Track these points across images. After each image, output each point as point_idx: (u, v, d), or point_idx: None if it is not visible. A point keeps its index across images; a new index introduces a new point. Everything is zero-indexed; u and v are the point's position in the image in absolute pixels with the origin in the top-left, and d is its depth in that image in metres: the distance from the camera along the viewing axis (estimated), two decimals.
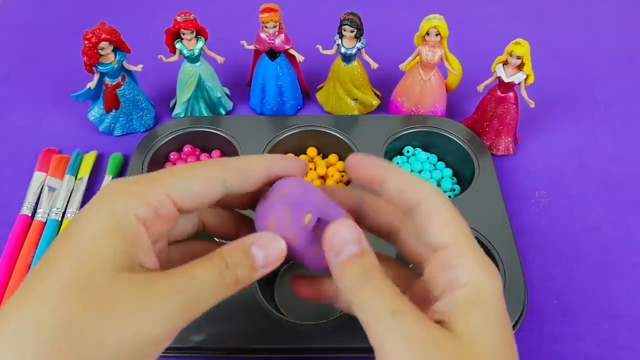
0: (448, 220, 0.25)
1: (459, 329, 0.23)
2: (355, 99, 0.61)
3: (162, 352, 0.43)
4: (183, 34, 0.55)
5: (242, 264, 0.24)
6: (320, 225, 0.26)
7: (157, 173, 0.25)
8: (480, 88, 0.56)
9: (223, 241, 0.27)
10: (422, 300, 0.25)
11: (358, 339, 0.41)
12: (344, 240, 0.24)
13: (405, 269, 0.29)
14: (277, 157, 0.28)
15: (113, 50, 0.54)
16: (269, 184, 0.27)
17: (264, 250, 0.25)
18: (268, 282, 0.47)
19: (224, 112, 0.62)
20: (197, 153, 0.57)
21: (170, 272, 0.23)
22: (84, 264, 0.21)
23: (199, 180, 0.25)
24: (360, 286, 0.23)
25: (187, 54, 0.56)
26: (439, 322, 0.23)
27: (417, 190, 0.25)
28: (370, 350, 0.39)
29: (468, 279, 0.24)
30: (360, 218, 0.29)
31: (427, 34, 0.54)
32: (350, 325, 0.41)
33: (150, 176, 0.24)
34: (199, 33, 0.56)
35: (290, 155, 0.57)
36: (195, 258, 0.24)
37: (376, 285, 0.23)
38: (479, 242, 0.46)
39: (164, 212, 0.24)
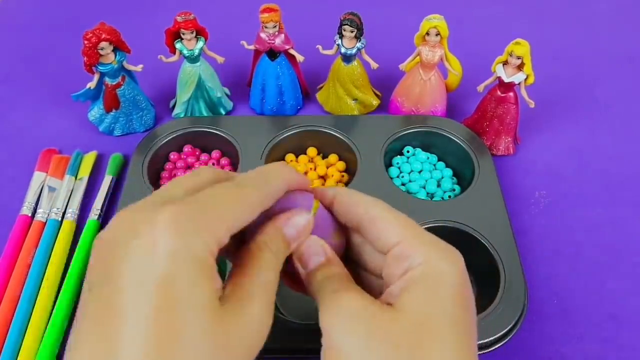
0: (393, 220, 0.27)
1: (402, 302, 0.24)
2: (355, 99, 0.61)
3: None
4: (183, 34, 0.55)
5: (283, 248, 0.27)
6: None
7: (213, 202, 0.23)
8: (480, 88, 0.56)
9: None
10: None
11: None
12: (310, 252, 0.27)
13: (370, 276, 0.31)
14: (294, 173, 0.28)
15: (113, 50, 0.54)
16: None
17: (296, 228, 0.27)
18: None
19: (224, 112, 0.62)
20: (197, 153, 0.57)
21: (246, 291, 0.24)
22: (192, 315, 0.21)
23: (248, 211, 0.25)
24: (322, 289, 0.25)
25: (187, 54, 0.56)
26: (389, 304, 0.25)
27: (356, 203, 0.28)
28: None
29: (421, 260, 0.25)
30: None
31: (427, 34, 0.54)
32: None
33: (210, 207, 0.23)
34: (199, 33, 0.56)
35: (291, 157, 0.57)
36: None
37: (344, 289, 0.25)
38: (479, 242, 0.46)
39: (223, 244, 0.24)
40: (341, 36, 0.55)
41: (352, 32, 0.54)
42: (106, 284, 0.21)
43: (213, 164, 0.56)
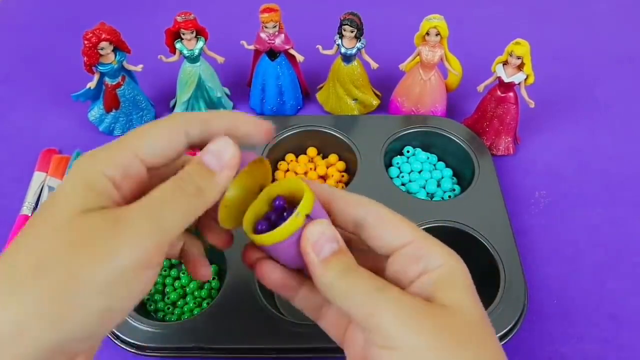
0: (400, 222, 0.27)
1: (444, 302, 0.24)
2: (355, 99, 0.61)
3: (163, 352, 0.43)
4: (183, 34, 0.55)
5: (198, 172, 0.25)
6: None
7: (124, 136, 0.25)
8: (480, 88, 0.56)
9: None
10: None
11: None
12: (323, 239, 0.25)
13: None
14: (241, 116, 0.27)
15: (113, 50, 0.54)
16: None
17: (213, 153, 0.26)
18: None
19: None
20: (197, 153, 0.57)
21: (131, 203, 0.24)
22: (56, 212, 0.22)
23: (163, 135, 0.25)
24: (343, 278, 0.24)
25: (187, 54, 0.56)
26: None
27: (358, 205, 0.27)
28: None
29: (441, 262, 0.25)
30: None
31: (427, 34, 0.54)
32: None
33: (117, 140, 0.25)
34: (199, 33, 0.56)
35: (291, 157, 0.57)
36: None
37: (359, 273, 0.25)
38: (479, 242, 0.46)
39: (134, 172, 0.24)
40: (341, 36, 0.55)
41: (352, 32, 0.54)
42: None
43: None
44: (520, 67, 0.52)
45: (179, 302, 0.46)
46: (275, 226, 0.25)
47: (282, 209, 0.27)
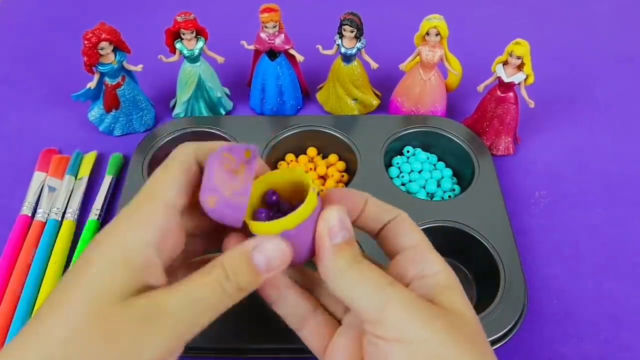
0: (414, 228, 0.28)
1: (445, 305, 0.25)
2: (355, 99, 0.61)
3: None
4: (183, 34, 0.55)
5: (243, 272, 0.24)
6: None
7: (152, 189, 0.25)
8: (480, 88, 0.56)
9: None
10: None
11: None
12: (337, 225, 0.25)
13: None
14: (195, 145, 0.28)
15: (113, 50, 0.54)
16: None
17: (266, 254, 0.24)
18: None
19: (224, 112, 0.62)
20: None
21: (170, 289, 0.23)
22: (91, 296, 0.22)
23: (180, 174, 0.26)
24: (352, 267, 0.25)
25: (187, 54, 0.56)
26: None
27: (390, 211, 0.29)
28: None
29: (439, 268, 0.27)
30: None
31: (427, 34, 0.54)
32: None
33: (147, 195, 0.25)
34: (199, 33, 0.56)
35: (291, 157, 0.57)
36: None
37: (369, 265, 0.25)
38: (479, 242, 0.46)
39: (172, 225, 0.24)
40: (341, 36, 0.55)
41: (352, 32, 0.54)
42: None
43: None
44: (520, 67, 0.52)
45: None
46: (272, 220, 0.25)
47: (276, 204, 0.27)
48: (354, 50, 0.56)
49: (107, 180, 0.54)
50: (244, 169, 0.25)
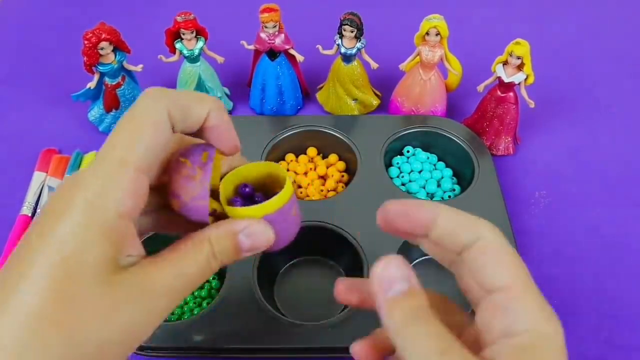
0: (506, 259, 0.22)
1: None
2: (355, 99, 0.61)
3: (163, 352, 0.43)
4: (183, 34, 0.55)
5: (228, 251, 0.25)
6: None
7: (110, 149, 0.23)
8: (480, 88, 0.56)
9: None
10: (475, 344, 0.23)
11: (358, 339, 0.41)
12: (393, 276, 0.22)
13: (461, 312, 0.27)
14: (223, 109, 0.26)
15: (113, 50, 0.54)
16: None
17: (253, 239, 0.25)
18: (268, 282, 0.47)
19: None
20: None
21: (158, 264, 0.23)
22: (65, 268, 0.21)
23: (152, 135, 0.23)
24: (407, 326, 0.21)
25: (187, 54, 0.56)
26: None
27: (472, 226, 0.23)
28: None
29: (527, 326, 0.21)
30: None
31: (427, 34, 0.54)
32: (350, 325, 0.42)
33: (106, 159, 0.23)
34: (199, 33, 0.56)
35: (291, 157, 0.56)
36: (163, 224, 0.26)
37: (424, 326, 0.21)
38: None
39: (143, 189, 0.23)
40: (341, 36, 0.55)
41: (352, 32, 0.54)
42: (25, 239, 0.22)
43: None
44: (520, 67, 0.52)
45: None
46: None
47: (250, 195, 0.28)
48: (354, 50, 0.56)
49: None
50: (200, 173, 0.25)
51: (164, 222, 0.27)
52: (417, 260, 0.49)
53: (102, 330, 0.21)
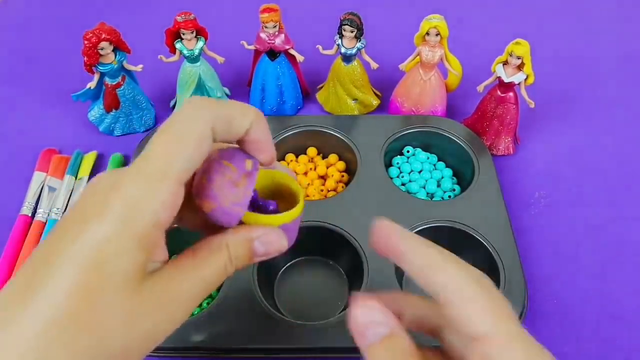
0: (485, 303, 0.21)
1: None
2: (355, 99, 0.61)
3: (163, 352, 0.43)
4: (183, 34, 0.55)
5: (243, 257, 0.25)
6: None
7: (153, 158, 0.23)
8: (480, 88, 0.56)
9: None
10: None
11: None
12: (369, 320, 0.22)
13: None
14: (263, 121, 0.26)
15: (113, 50, 0.54)
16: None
17: (267, 247, 0.26)
18: (268, 282, 0.47)
19: None
20: None
21: (181, 271, 0.23)
22: (98, 273, 0.21)
23: (195, 148, 0.23)
24: None
25: (187, 54, 0.56)
26: None
27: (440, 268, 0.22)
28: None
29: None
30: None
31: (427, 34, 0.54)
32: None
33: (149, 165, 0.23)
34: (199, 33, 0.56)
35: (291, 157, 0.57)
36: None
37: None
38: (479, 242, 0.46)
39: (178, 202, 0.23)
40: (341, 36, 0.55)
41: (352, 32, 0.54)
42: (52, 236, 0.22)
43: None
44: (520, 67, 0.52)
45: None
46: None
47: (254, 200, 0.27)
48: (354, 50, 0.56)
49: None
50: (245, 181, 0.25)
51: (185, 219, 0.27)
52: None
53: (128, 336, 0.21)
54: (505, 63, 0.53)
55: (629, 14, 0.78)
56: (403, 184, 0.54)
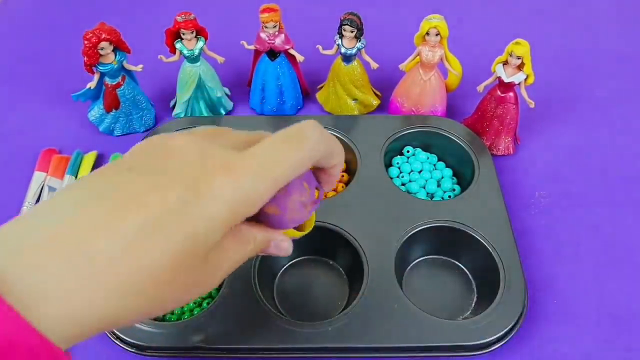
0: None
1: None
2: (355, 99, 0.61)
3: (163, 352, 0.43)
4: (183, 34, 0.55)
5: (257, 251, 0.30)
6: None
7: (278, 169, 0.27)
8: (480, 88, 0.56)
9: None
10: None
11: (357, 339, 0.41)
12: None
13: None
14: (342, 161, 0.32)
15: (113, 50, 0.54)
16: None
17: (278, 250, 0.31)
18: (268, 282, 0.47)
19: (224, 112, 0.62)
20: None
21: (224, 253, 0.27)
22: (192, 242, 0.24)
23: (299, 170, 0.28)
24: None
25: (187, 54, 0.56)
26: None
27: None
28: (370, 350, 0.39)
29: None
30: None
31: (427, 34, 0.54)
32: (350, 325, 0.42)
33: (272, 174, 0.26)
34: (199, 33, 0.56)
35: None
36: None
37: None
38: (479, 242, 0.46)
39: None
40: (341, 36, 0.55)
41: (352, 32, 0.54)
42: (151, 173, 0.25)
43: None
44: (520, 67, 0.52)
45: None
46: None
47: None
48: (354, 50, 0.56)
49: None
50: (310, 207, 0.31)
51: None
52: (417, 260, 0.49)
53: (182, 297, 0.25)
54: (505, 63, 0.53)
55: (629, 14, 0.78)
56: (403, 184, 0.54)
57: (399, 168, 0.55)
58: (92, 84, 0.55)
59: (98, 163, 0.57)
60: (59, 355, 0.21)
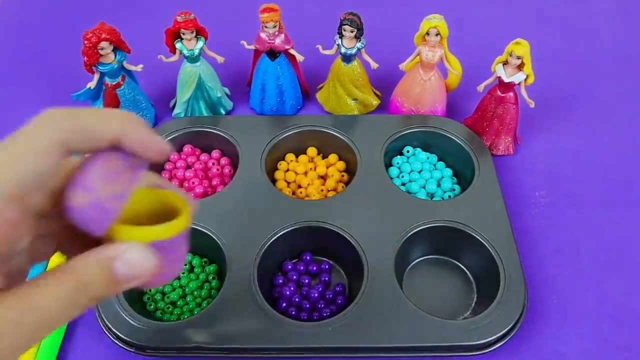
0: None
1: None
2: (355, 99, 0.61)
3: (163, 352, 0.43)
4: (183, 34, 0.55)
5: (99, 282, 0.22)
6: None
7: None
8: (480, 88, 0.56)
9: None
10: None
11: (358, 339, 0.41)
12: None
13: None
14: (134, 127, 0.23)
15: (113, 50, 0.54)
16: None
17: (129, 267, 0.22)
18: (268, 282, 0.47)
19: (224, 112, 0.62)
20: (197, 153, 0.57)
21: (7, 297, 0.20)
22: None
23: (35, 163, 0.22)
24: None
25: (187, 54, 0.56)
26: None
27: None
28: (370, 350, 0.39)
29: None
30: None
31: (427, 34, 0.54)
32: (350, 325, 0.42)
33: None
34: (199, 33, 0.56)
35: (291, 157, 0.57)
36: None
37: None
38: (479, 242, 0.46)
39: (15, 221, 0.21)
40: (341, 36, 0.55)
41: (352, 32, 0.54)
42: None
43: (213, 164, 0.56)
44: (520, 67, 0.52)
45: (179, 302, 0.46)
46: None
47: None
48: (354, 50, 0.56)
49: None
50: (128, 174, 0.23)
51: (66, 245, 0.25)
52: (417, 260, 0.49)
53: None
54: (505, 63, 0.53)
55: (628, 14, 0.78)
56: (403, 184, 0.54)
57: (399, 168, 0.55)
58: (92, 84, 0.55)
59: None
60: None
